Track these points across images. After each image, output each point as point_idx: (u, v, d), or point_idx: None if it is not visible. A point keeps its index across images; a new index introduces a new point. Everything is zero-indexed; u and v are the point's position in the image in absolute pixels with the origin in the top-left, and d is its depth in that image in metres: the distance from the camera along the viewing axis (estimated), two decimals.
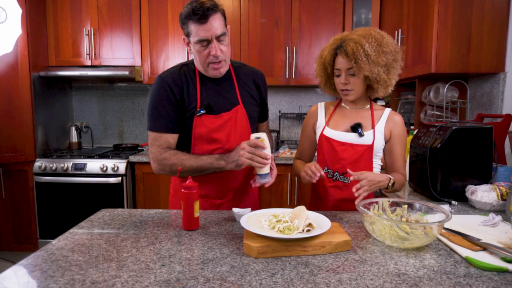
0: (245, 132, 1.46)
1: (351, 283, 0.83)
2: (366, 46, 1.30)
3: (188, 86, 1.40)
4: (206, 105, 1.38)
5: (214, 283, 0.82)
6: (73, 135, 3.50)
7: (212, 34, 1.28)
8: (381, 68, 1.33)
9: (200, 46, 1.31)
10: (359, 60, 1.31)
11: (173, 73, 1.41)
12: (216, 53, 1.31)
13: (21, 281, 0.84)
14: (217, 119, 1.40)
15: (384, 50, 1.32)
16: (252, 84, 1.52)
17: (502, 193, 1.46)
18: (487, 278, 0.86)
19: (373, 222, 1.07)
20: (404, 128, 1.46)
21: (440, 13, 2.10)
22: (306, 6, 3.14)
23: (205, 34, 1.28)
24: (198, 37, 1.29)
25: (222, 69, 1.38)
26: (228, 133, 1.41)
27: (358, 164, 1.42)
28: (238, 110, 1.44)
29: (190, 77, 1.42)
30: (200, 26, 1.27)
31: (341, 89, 1.42)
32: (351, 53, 1.32)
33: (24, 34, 2.88)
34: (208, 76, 1.41)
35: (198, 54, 1.34)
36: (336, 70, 1.41)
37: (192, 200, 1.16)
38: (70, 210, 2.95)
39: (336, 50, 1.39)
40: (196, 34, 1.29)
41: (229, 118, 1.42)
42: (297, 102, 3.59)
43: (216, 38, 1.30)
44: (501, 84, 2.13)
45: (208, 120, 1.39)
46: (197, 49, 1.33)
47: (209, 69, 1.37)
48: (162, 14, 3.16)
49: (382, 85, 1.37)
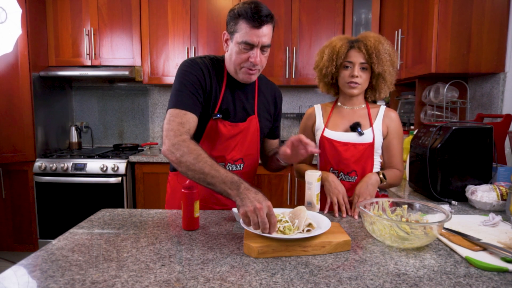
0: (252, 144, 1.43)
1: (351, 283, 0.83)
2: (385, 45, 1.39)
3: (216, 83, 1.34)
4: (225, 109, 1.34)
5: (214, 283, 0.82)
6: (73, 135, 3.50)
7: (260, 41, 1.24)
8: (392, 69, 1.42)
9: (243, 48, 1.26)
10: (380, 55, 1.37)
11: (205, 62, 1.34)
12: (255, 61, 1.27)
13: (21, 281, 0.84)
14: (233, 127, 1.36)
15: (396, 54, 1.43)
16: (271, 99, 1.50)
17: (502, 193, 1.46)
18: (487, 278, 0.86)
19: (373, 222, 1.07)
20: (400, 124, 1.49)
21: (440, 13, 2.11)
22: (306, 6, 3.14)
23: (254, 38, 1.23)
24: (245, 39, 1.24)
25: (253, 77, 1.33)
26: (237, 142, 1.38)
27: (361, 163, 1.44)
28: (252, 120, 1.41)
29: (219, 75, 1.36)
30: (252, 29, 1.22)
31: (349, 81, 1.42)
32: (372, 47, 1.37)
33: (24, 34, 2.88)
34: (237, 79, 1.36)
35: (237, 54, 1.28)
36: (348, 62, 1.42)
37: (192, 200, 1.16)
38: (70, 210, 2.96)
39: (351, 43, 1.42)
40: (245, 34, 1.23)
41: (244, 129, 1.38)
42: (297, 102, 3.59)
43: (261, 47, 1.27)
44: (501, 84, 2.13)
45: (223, 126, 1.35)
46: (237, 50, 1.27)
47: (240, 72, 1.32)
48: (162, 14, 3.16)
49: (387, 86, 1.45)
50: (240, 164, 1.42)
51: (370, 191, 1.34)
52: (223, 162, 1.38)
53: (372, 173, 1.39)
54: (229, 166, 1.39)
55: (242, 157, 1.41)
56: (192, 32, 3.17)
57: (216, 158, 1.34)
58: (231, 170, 1.37)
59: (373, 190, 1.35)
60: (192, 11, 3.15)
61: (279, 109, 1.56)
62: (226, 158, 1.38)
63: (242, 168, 1.43)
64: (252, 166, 1.48)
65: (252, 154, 1.44)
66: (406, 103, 2.89)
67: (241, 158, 1.41)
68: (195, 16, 3.15)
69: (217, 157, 1.37)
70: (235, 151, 1.39)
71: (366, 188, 1.34)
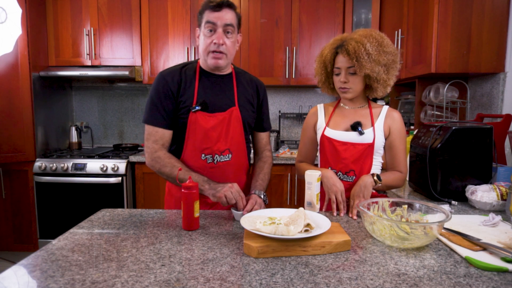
0: (237, 135, 1.47)
1: (351, 283, 0.83)
2: (367, 46, 1.34)
3: (186, 81, 1.44)
4: (202, 102, 1.41)
5: (214, 283, 0.82)
6: (73, 135, 3.50)
7: (220, 21, 1.35)
8: (381, 68, 1.36)
9: (208, 31, 1.37)
10: (360, 59, 1.34)
11: (173, 70, 1.46)
12: (219, 41, 1.36)
13: (21, 281, 0.84)
14: (212, 118, 1.42)
15: (385, 50, 1.36)
16: (251, 89, 1.55)
17: (502, 193, 1.46)
18: (487, 278, 0.86)
19: (373, 222, 1.07)
20: (402, 124, 1.47)
21: (440, 13, 2.10)
22: (306, 6, 3.14)
23: (214, 19, 1.35)
24: (207, 19, 1.36)
25: (220, 61, 1.40)
26: (219, 133, 1.43)
27: (359, 163, 1.43)
28: (233, 111, 1.45)
29: (190, 73, 1.46)
30: (212, 12, 1.36)
31: (340, 87, 1.44)
32: (352, 51, 1.34)
33: (24, 34, 2.88)
34: (208, 68, 1.45)
35: (203, 41, 1.39)
36: (336, 69, 1.43)
37: (192, 200, 1.16)
38: (70, 210, 2.95)
39: (337, 49, 1.42)
40: (207, 17, 1.37)
41: (223, 119, 1.43)
42: (297, 102, 3.59)
43: (223, 28, 1.36)
44: (501, 84, 2.13)
45: (202, 118, 1.41)
46: (203, 36, 1.39)
47: (208, 58, 1.40)
48: (162, 14, 3.16)
49: (381, 85, 1.41)
50: (228, 155, 1.46)
51: (363, 193, 1.34)
52: (210, 154, 1.44)
53: (366, 175, 1.38)
54: (217, 157, 1.45)
55: (228, 147, 1.46)
56: (192, 32, 3.17)
57: (204, 149, 1.43)
58: (220, 161, 1.45)
59: (367, 192, 1.35)
60: (192, 11, 3.15)
61: (262, 100, 1.59)
62: (213, 149, 1.44)
63: (231, 158, 1.47)
64: (241, 157, 1.52)
65: (238, 144, 1.49)
66: (406, 103, 2.89)
67: (228, 148, 1.46)
68: (195, 16, 3.15)
69: (205, 149, 1.43)
70: (220, 142, 1.44)
71: (360, 190, 1.35)
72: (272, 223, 1.07)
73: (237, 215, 1.28)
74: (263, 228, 1.02)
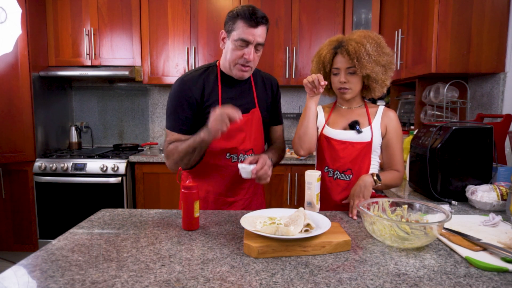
0: (258, 134, 1.53)
1: (351, 283, 0.83)
2: (367, 46, 1.36)
3: (209, 87, 1.45)
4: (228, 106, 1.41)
5: (214, 283, 0.82)
6: (73, 135, 3.50)
7: (255, 40, 1.36)
8: (380, 68, 1.39)
9: (239, 45, 1.37)
10: (361, 59, 1.35)
11: (194, 76, 1.47)
12: (249, 58, 1.37)
13: (21, 281, 0.84)
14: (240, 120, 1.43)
15: (383, 51, 1.39)
16: (267, 88, 1.59)
17: (502, 193, 1.46)
18: (487, 278, 0.86)
19: (373, 222, 1.07)
20: (398, 124, 1.49)
21: (440, 13, 2.10)
22: (306, 6, 3.14)
23: (249, 36, 1.35)
24: (242, 36, 1.35)
25: (246, 74, 1.44)
26: (245, 134, 1.47)
27: (357, 162, 1.44)
28: (255, 112, 1.50)
29: (212, 78, 1.48)
30: (249, 28, 1.34)
31: (339, 87, 1.44)
32: (353, 52, 1.36)
33: (24, 34, 2.88)
34: (231, 75, 1.46)
35: (232, 51, 1.39)
36: (335, 69, 1.44)
37: (192, 200, 1.16)
38: (70, 210, 2.96)
39: (336, 50, 1.43)
40: (242, 32, 1.35)
41: (247, 120, 1.47)
42: (297, 102, 3.59)
43: (255, 45, 1.37)
44: (501, 84, 2.13)
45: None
46: (233, 47, 1.38)
47: (234, 69, 1.42)
48: (162, 14, 3.16)
49: (380, 85, 1.43)
50: (250, 154, 1.51)
51: (364, 193, 1.34)
52: (236, 153, 1.48)
53: (365, 175, 1.38)
54: (241, 156, 1.49)
55: (252, 147, 1.51)
56: (192, 32, 3.17)
57: (229, 149, 1.47)
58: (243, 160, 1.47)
59: (367, 192, 1.35)
60: (192, 11, 3.15)
61: (276, 95, 1.63)
62: (239, 149, 1.47)
63: None
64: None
65: (260, 143, 1.55)
66: (406, 103, 2.89)
67: (251, 148, 1.51)
68: (195, 16, 3.15)
69: (231, 149, 1.47)
70: (246, 142, 1.48)
71: (360, 190, 1.34)
72: (272, 223, 1.07)
73: (244, 172, 1.29)
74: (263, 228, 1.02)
